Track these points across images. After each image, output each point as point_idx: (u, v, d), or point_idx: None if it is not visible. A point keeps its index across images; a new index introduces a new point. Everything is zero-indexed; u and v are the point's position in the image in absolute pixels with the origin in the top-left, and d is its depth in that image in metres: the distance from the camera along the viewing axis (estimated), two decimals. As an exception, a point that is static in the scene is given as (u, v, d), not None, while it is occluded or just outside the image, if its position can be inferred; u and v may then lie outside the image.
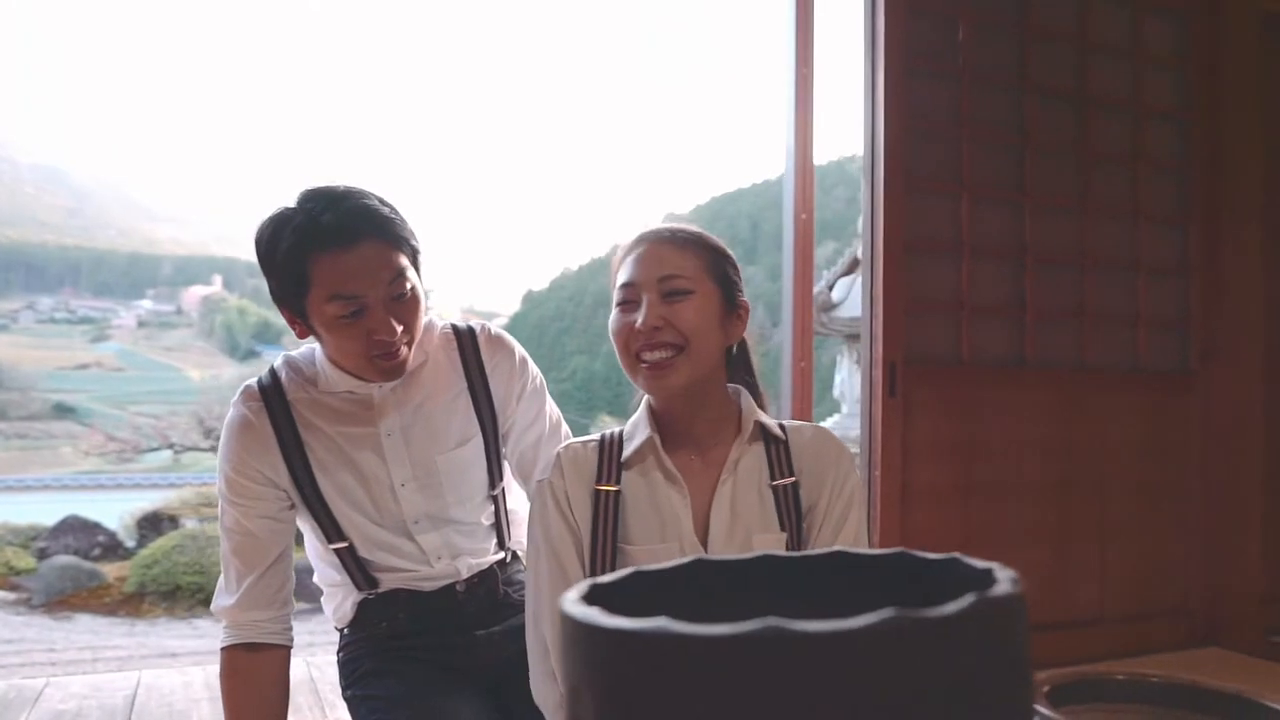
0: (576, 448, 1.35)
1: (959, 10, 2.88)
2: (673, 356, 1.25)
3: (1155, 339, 3.22)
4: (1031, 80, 2.99)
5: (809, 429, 1.41)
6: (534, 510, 1.34)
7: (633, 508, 1.30)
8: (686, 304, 1.26)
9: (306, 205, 1.34)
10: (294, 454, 1.47)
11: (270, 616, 1.48)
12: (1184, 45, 3.27)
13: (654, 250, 1.28)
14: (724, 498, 1.31)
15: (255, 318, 42.86)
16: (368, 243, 1.33)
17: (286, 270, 1.34)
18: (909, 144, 2.75)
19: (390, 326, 1.36)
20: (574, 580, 1.27)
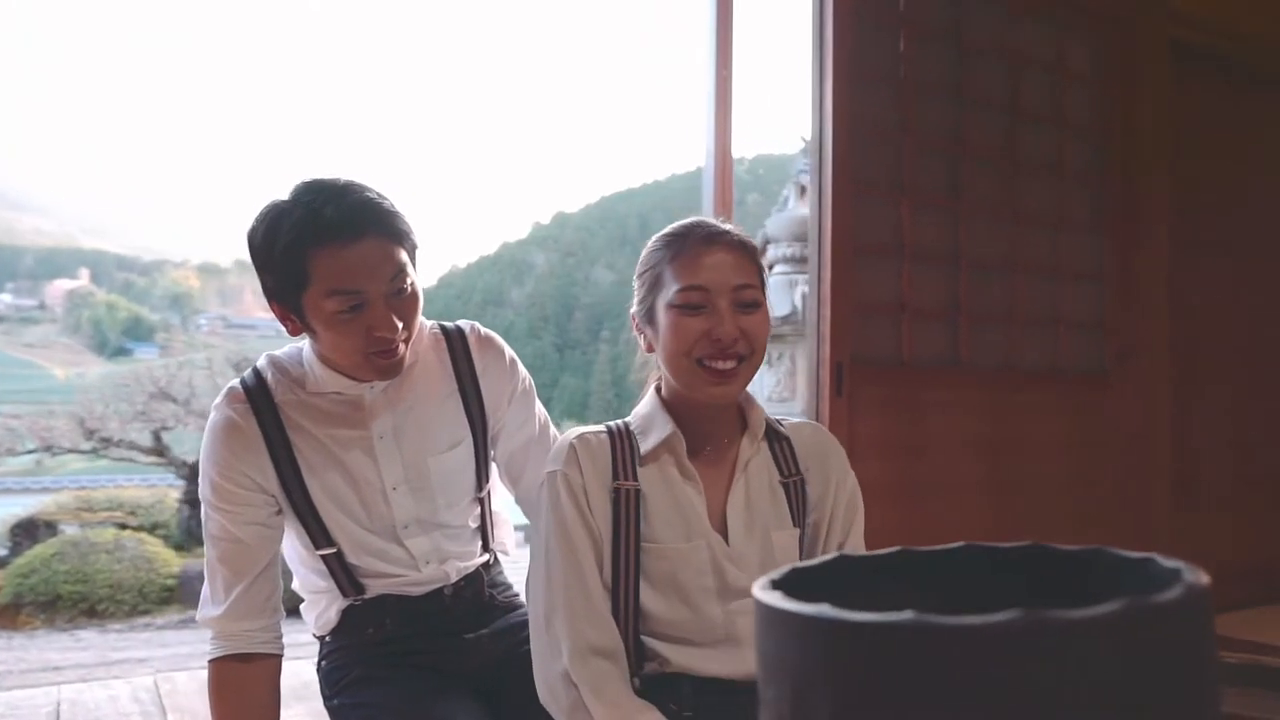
0: (590, 439, 1.32)
1: (900, 22, 2.97)
2: (738, 366, 1.25)
3: (1075, 341, 3.38)
4: (966, 92, 3.11)
5: (806, 427, 1.44)
6: (545, 502, 1.31)
7: (654, 506, 1.29)
8: (758, 315, 1.27)
9: (305, 199, 1.31)
10: (283, 457, 1.43)
11: (261, 625, 1.43)
12: (1101, 66, 3.45)
13: (728, 256, 1.27)
14: (739, 496, 1.32)
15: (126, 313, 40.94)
16: (370, 237, 1.31)
17: (285, 265, 1.30)
18: (855, 150, 2.82)
19: (391, 322, 1.33)
20: (590, 579, 1.27)
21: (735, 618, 1.28)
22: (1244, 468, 3.94)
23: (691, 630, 1.27)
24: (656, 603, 1.27)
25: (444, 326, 1.57)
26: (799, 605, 0.50)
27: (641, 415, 1.35)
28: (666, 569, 1.27)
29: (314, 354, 1.43)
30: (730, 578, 1.28)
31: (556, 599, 1.27)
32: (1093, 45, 3.45)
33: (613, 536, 1.28)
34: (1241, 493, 3.91)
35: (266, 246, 1.31)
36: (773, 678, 0.53)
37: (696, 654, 1.27)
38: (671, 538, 1.28)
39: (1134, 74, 3.46)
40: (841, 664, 0.48)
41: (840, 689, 0.48)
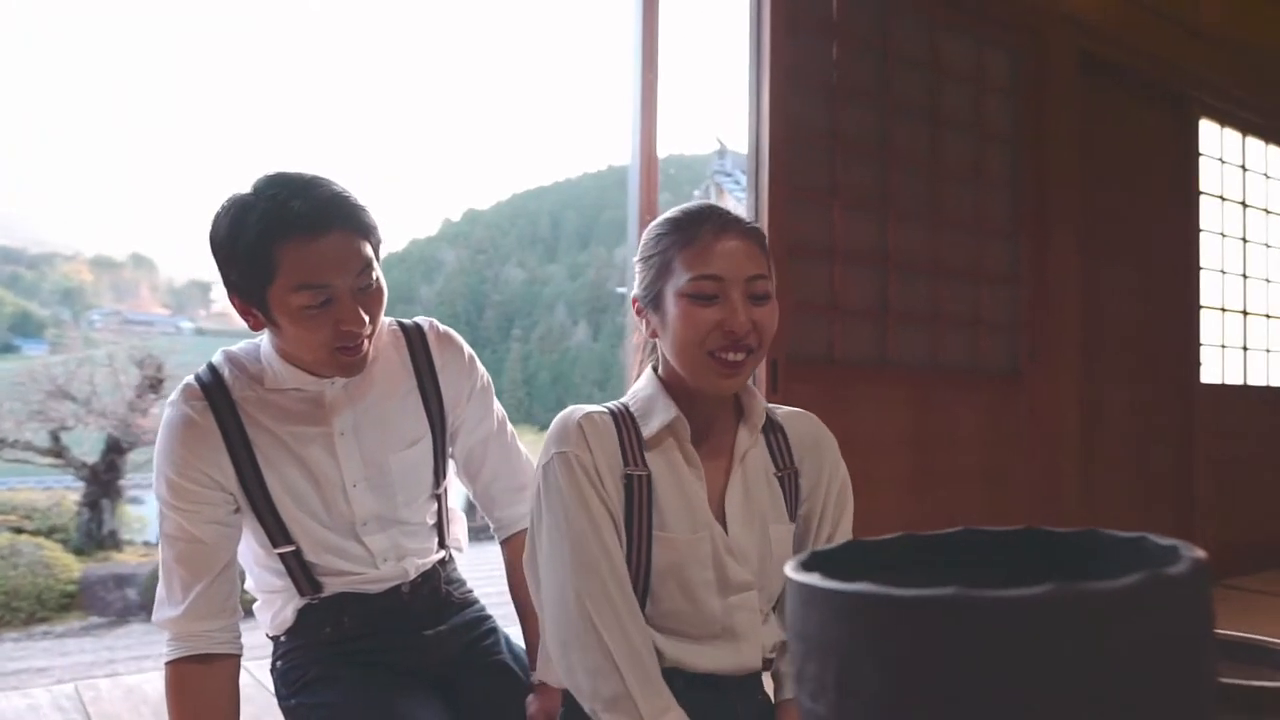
0: (596, 419, 1.27)
1: (833, 30, 3.06)
2: (746, 358, 1.23)
3: (992, 341, 3.53)
4: (894, 100, 3.22)
5: (800, 417, 1.41)
6: (553, 486, 1.24)
7: (662, 494, 1.25)
8: (769, 308, 1.25)
9: (270, 192, 1.29)
10: (241, 454, 1.41)
11: (221, 625, 1.41)
12: (1016, 76, 3.60)
13: (743, 245, 1.23)
14: (737, 487, 1.29)
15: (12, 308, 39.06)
16: (337, 231, 1.30)
17: (250, 259, 1.28)
18: (790, 154, 2.89)
19: (359, 317, 1.33)
20: (619, 562, 1.22)
21: (734, 612, 1.26)
22: (1143, 463, 4.16)
23: (690, 623, 1.25)
24: (660, 594, 1.25)
25: (402, 323, 1.56)
26: (844, 584, 0.54)
27: (642, 398, 1.30)
28: (674, 560, 1.24)
29: (273, 350, 1.42)
30: (730, 571, 1.26)
31: (588, 584, 1.20)
32: (1010, 57, 3.60)
33: (626, 523, 1.24)
34: (1139, 486, 4.13)
35: (231, 240, 1.29)
36: (814, 654, 0.57)
37: (692, 648, 1.26)
38: (679, 528, 1.24)
39: (1046, 85, 3.62)
40: (888, 638, 0.52)
41: (886, 662, 0.52)
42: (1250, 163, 4.82)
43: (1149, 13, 4.04)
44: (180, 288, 62.36)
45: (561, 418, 1.28)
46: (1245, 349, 4.78)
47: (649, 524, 1.24)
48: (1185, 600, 0.51)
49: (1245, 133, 4.75)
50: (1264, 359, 4.93)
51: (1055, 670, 0.49)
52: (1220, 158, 4.61)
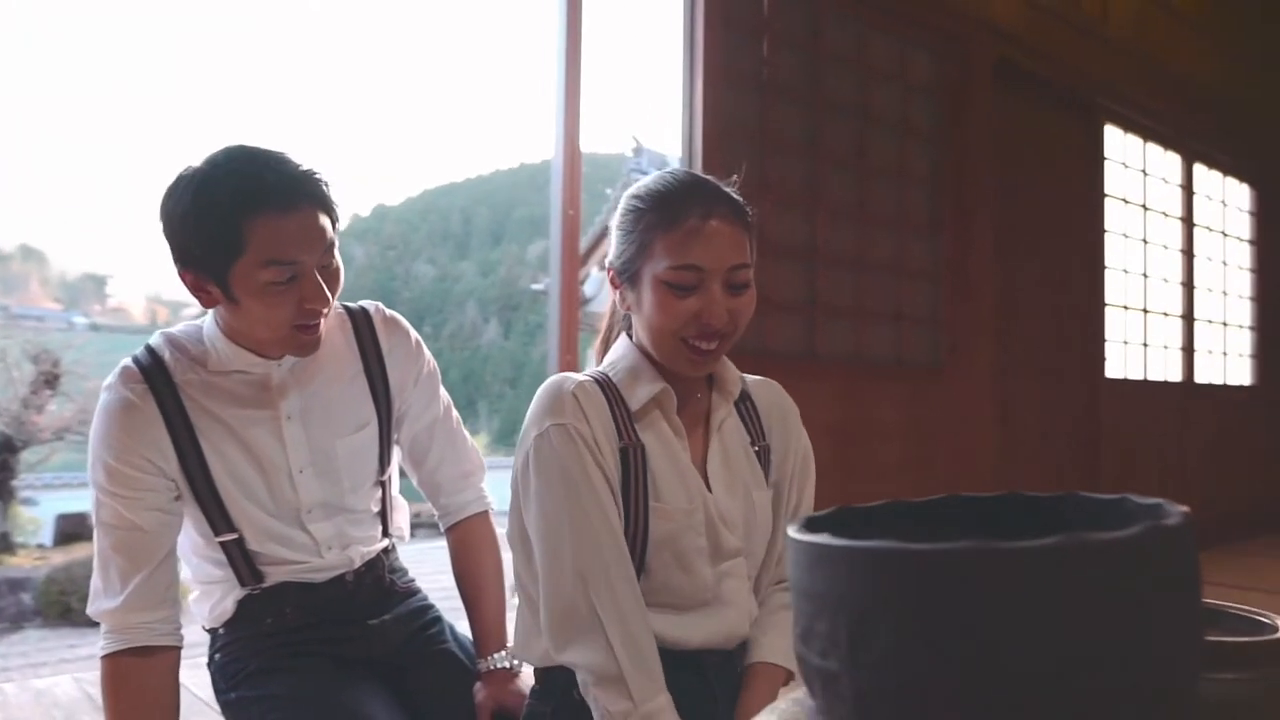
0: (589, 388, 1.23)
1: (764, 27, 3.10)
2: (720, 344, 1.22)
3: (914, 335, 3.62)
4: (822, 97, 3.28)
5: (765, 385, 1.41)
6: (549, 457, 1.20)
7: (654, 464, 1.23)
8: (748, 295, 1.23)
9: (238, 166, 1.26)
10: (184, 438, 1.37)
11: (161, 617, 1.37)
12: (938, 78, 3.71)
13: (727, 231, 1.20)
14: (717, 456, 1.29)
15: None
16: (306, 207, 1.28)
17: (217, 232, 1.24)
18: (722, 149, 2.92)
19: (324, 295, 1.31)
20: (619, 538, 1.19)
21: (723, 579, 1.26)
22: (1052, 455, 4.33)
23: (681, 594, 1.24)
24: (654, 566, 1.23)
25: (348, 307, 1.53)
26: (861, 541, 0.55)
27: (623, 368, 1.27)
28: (670, 530, 1.22)
29: (219, 330, 1.38)
30: (722, 538, 1.26)
31: (590, 562, 1.17)
32: (932, 59, 3.70)
33: (624, 495, 1.21)
34: (1051, 477, 4.29)
35: (197, 213, 1.24)
36: (825, 612, 0.58)
37: (681, 620, 1.25)
38: (674, 498, 1.23)
39: (966, 88, 3.73)
40: (906, 592, 0.53)
41: (901, 616, 0.53)
42: (1151, 168, 5.05)
43: (1061, 22, 4.20)
44: (73, 281, 59.71)
45: (552, 388, 1.23)
46: (1145, 345, 5.01)
47: (645, 496, 1.22)
48: (1182, 549, 0.54)
49: (1147, 139, 4.98)
50: (1162, 355, 5.17)
51: (1069, 617, 0.51)
52: (1124, 162, 4.82)
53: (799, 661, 0.62)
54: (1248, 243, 5.98)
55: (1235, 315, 5.87)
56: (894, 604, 0.54)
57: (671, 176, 1.26)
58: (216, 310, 1.36)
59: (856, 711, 0.57)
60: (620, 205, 1.28)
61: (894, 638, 0.54)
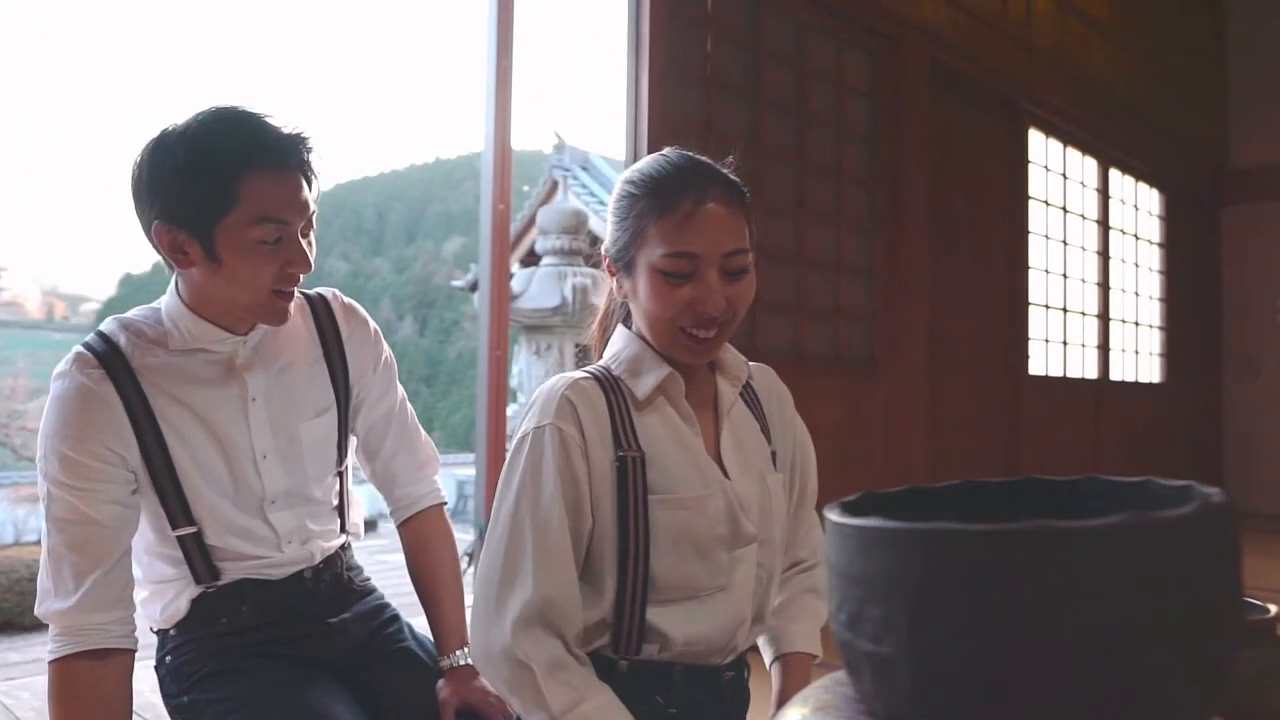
0: (586, 388, 1.19)
1: (709, 22, 3.10)
2: (719, 331, 1.18)
3: (850, 332, 3.68)
4: (764, 95, 3.30)
5: (760, 370, 1.37)
6: (523, 461, 1.17)
7: (663, 457, 1.19)
8: (746, 281, 1.18)
9: (231, 121, 1.24)
10: (145, 425, 1.31)
11: (117, 618, 1.30)
12: (874, 79, 3.77)
13: (723, 214, 1.16)
14: (729, 440, 1.25)
15: None
16: (297, 170, 1.27)
17: (211, 186, 1.22)
18: (667, 142, 2.91)
19: (307, 259, 1.29)
20: (557, 546, 1.15)
21: (736, 564, 1.23)
22: (980, 450, 4.44)
23: (698, 583, 1.20)
24: (664, 562, 1.18)
25: (305, 293, 1.50)
26: (919, 523, 0.54)
27: (625, 358, 1.23)
28: (683, 519, 1.18)
29: (183, 305, 1.33)
30: (741, 524, 1.22)
31: (523, 575, 1.14)
32: (869, 60, 3.76)
33: (618, 504, 1.16)
34: (978, 471, 4.41)
35: (190, 164, 1.21)
36: (876, 597, 0.57)
37: (688, 612, 1.20)
38: (686, 486, 1.19)
39: (901, 89, 3.80)
40: (969, 573, 0.53)
41: (965, 597, 0.53)
42: (1070, 171, 5.22)
43: (990, 28, 4.32)
44: (-36, 274, 56.83)
45: (547, 389, 1.20)
46: (1065, 344, 5.18)
47: (644, 498, 1.17)
48: (1228, 525, 0.55)
49: (1067, 144, 5.15)
50: (1079, 353, 5.35)
51: (1128, 594, 0.51)
52: (1046, 165, 4.98)
53: (845, 647, 0.62)
54: (1158, 246, 6.23)
55: (1146, 315, 6.12)
56: (957, 586, 0.53)
57: (665, 160, 1.22)
58: (180, 285, 1.32)
59: (914, 696, 0.56)
60: (615, 191, 1.26)
61: (957, 619, 0.53)
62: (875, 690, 0.59)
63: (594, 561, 1.19)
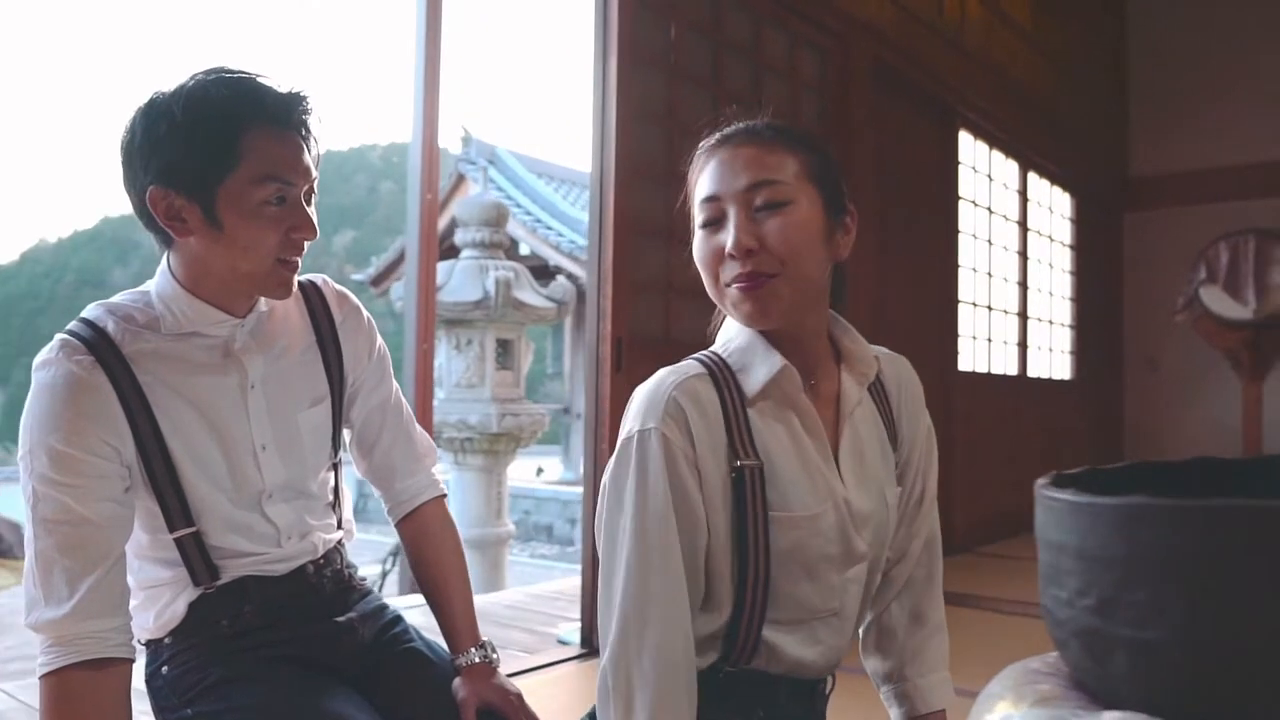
0: (697, 388, 1.05)
1: (672, 10, 3.07)
2: (768, 282, 1.03)
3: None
4: (723, 86, 3.29)
5: (890, 361, 1.23)
6: (640, 469, 1.04)
7: (779, 466, 1.07)
8: (781, 218, 1.03)
9: (230, 79, 1.18)
10: (140, 416, 1.21)
11: (115, 625, 1.19)
12: (824, 75, 3.80)
13: (739, 153, 1.06)
14: (849, 448, 1.12)
15: None
16: (298, 130, 1.21)
17: (213, 143, 1.15)
18: (634, 132, 2.87)
19: (312, 224, 1.22)
20: (679, 572, 1.04)
21: (848, 585, 1.13)
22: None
23: (808, 606, 1.10)
24: (781, 582, 1.08)
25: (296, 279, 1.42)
26: (1205, 500, 0.52)
27: (737, 347, 1.10)
28: (797, 539, 1.07)
29: (177, 285, 1.25)
30: (853, 543, 1.11)
31: (635, 602, 1.03)
32: (818, 56, 3.79)
33: (735, 519, 1.05)
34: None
35: (189, 122, 1.14)
36: (1143, 578, 0.54)
37: (801, 634, 1.12)
38: (801, 502, 1.06)
39: (848, 86, 3.84)
40: (1267, 550, 0.50)
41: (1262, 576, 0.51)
42: (995, 173, 5.38)
43: (927, 30, 4.40)
44: None
45: (652, 384, 1.09)
46: (990, 340, 5.34)
47: (763, 510, 1.05)
48: None
49: (992, 146, 5.30)
50: (1003, 350, 5.52)
51: None
52: (974, 166, 5.11)
53: (1086, 634, 0.58)
54: (1069, 248, 6.48)
55: (1059, 314, 6.36)
56: (1254, 565, 0.51)
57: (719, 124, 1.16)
58: (173, 263, 1.24)
59: (1190, 684, 0.53)
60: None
61: (1254, 602, 0.51)
62: (1132, 677, 0.56)
63: (710, 576, 1.09)
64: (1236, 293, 6.11)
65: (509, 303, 7.12)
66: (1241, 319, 6.13)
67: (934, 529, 1.26)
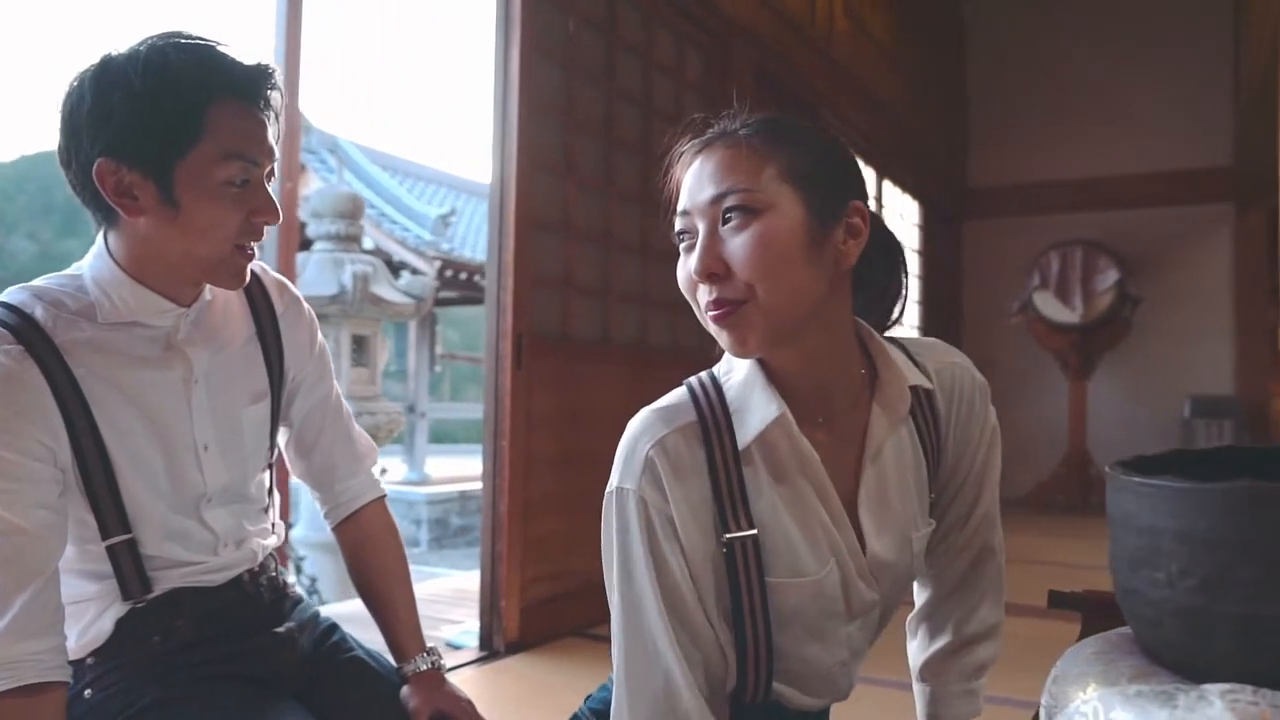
0: (676, 445, 0.95)
1: (572, 5, 3.05)
2: (737, 309, 0.90)
3: (689, 322, 3.74)
4: (617, 83, 3.29)
5: (943, 368, 1.05)
6: (621, 531, 0.96)
7: (777, 529, 0.96)
8: (752, 231, 0.89)
9: (193, 46, 1.08)
10: (76, 412, 1.11)
11: (50, 646, 1.09)
12: (707, 76, 3.86)
13: (710, 159, 0.93)
14: (871, 493, 0.99)
15: None
16: (264, 107, 1.12)
17: (173, 115, 1.05)
18: (533, 125, 2.84)
19: (275, 208, 1.13)
20: (704, 635, 0.96)
21: (855, 634, 1.04)
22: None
23: (817, 661, 1.03)
24: (784, 644, 1.00)
25: None
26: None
27: (736, 381, 0.98)
28: (798, 604, 0.97)
29: (118, 270, 1.14)
30: (856, 597, 1.01)
31: (676, 679, 0.94)
32: (703, 57, 3.84)
33: (730, 585, 0.96)
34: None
35: (149, 91, 1.04)
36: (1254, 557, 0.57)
37: (809, 684, 1.05)
38: (802, 567, 0.96)
39: (729, 88, 3.91)
40: None
41: None
42: (856, 180, 5.60)
43: (799, 37, 4.54)
44: None
45: (630, 437, 0.99)
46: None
47: (759, 576, 0.96)
48: None
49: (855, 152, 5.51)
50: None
51: None
52: (839, 173, 5.30)
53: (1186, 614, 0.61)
54: (917, 253, 6.83)
55: (908, 317, 6.68)
56: None
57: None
58: (113, 244, 1.14)
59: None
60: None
61: None
62: (1239, 652, 0.59)
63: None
64: (1065, 298, 6.58)
65: (366, 298, 6.89)
66: (1069, 323, 6.61)
67: (989, 543, 1.13)
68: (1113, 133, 6.97)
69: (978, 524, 1.11)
